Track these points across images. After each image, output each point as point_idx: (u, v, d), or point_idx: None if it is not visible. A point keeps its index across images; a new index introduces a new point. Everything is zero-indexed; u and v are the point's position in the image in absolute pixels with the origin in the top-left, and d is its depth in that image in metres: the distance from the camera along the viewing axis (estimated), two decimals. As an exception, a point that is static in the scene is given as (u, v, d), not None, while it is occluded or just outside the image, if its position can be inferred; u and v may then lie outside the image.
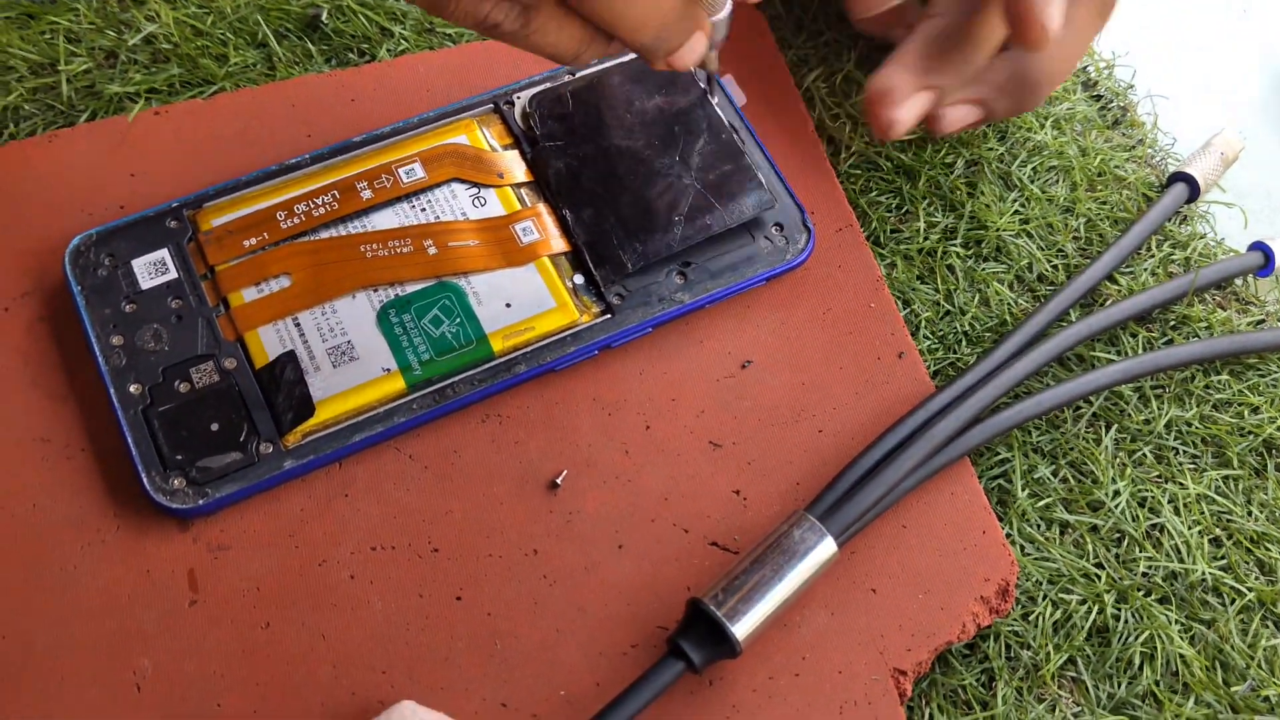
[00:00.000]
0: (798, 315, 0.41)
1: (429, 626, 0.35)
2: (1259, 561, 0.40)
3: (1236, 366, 0.43)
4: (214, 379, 0.37)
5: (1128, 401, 0.42)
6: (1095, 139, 0.48)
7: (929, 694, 0.37)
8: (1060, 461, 0.41)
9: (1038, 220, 0.45)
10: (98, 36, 0.44)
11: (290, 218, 0.39)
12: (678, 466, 0.38)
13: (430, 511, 0.36)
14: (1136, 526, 0.39)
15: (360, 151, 0.41)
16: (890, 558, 0.37)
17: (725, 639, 0.34)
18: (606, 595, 0.36)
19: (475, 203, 0.40)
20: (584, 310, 0.39)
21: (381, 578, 0.35)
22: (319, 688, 0.34)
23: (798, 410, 0.39)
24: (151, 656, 0.34)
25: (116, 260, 0.38)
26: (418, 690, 0.34)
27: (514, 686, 0.34)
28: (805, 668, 0.35)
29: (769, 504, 0.38)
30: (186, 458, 0.35)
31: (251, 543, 0.36)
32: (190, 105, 0.43)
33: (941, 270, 0.43)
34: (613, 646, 0.35)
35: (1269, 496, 0.41)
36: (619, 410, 0.39)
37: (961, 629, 0.36)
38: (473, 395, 0.37)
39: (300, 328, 0.37)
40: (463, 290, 0.38)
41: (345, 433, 0.36)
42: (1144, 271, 0.45)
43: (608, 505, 0.37)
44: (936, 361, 0.42)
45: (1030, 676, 0.37)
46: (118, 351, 0.37)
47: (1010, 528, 0.39)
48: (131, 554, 0.35)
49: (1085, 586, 0.38)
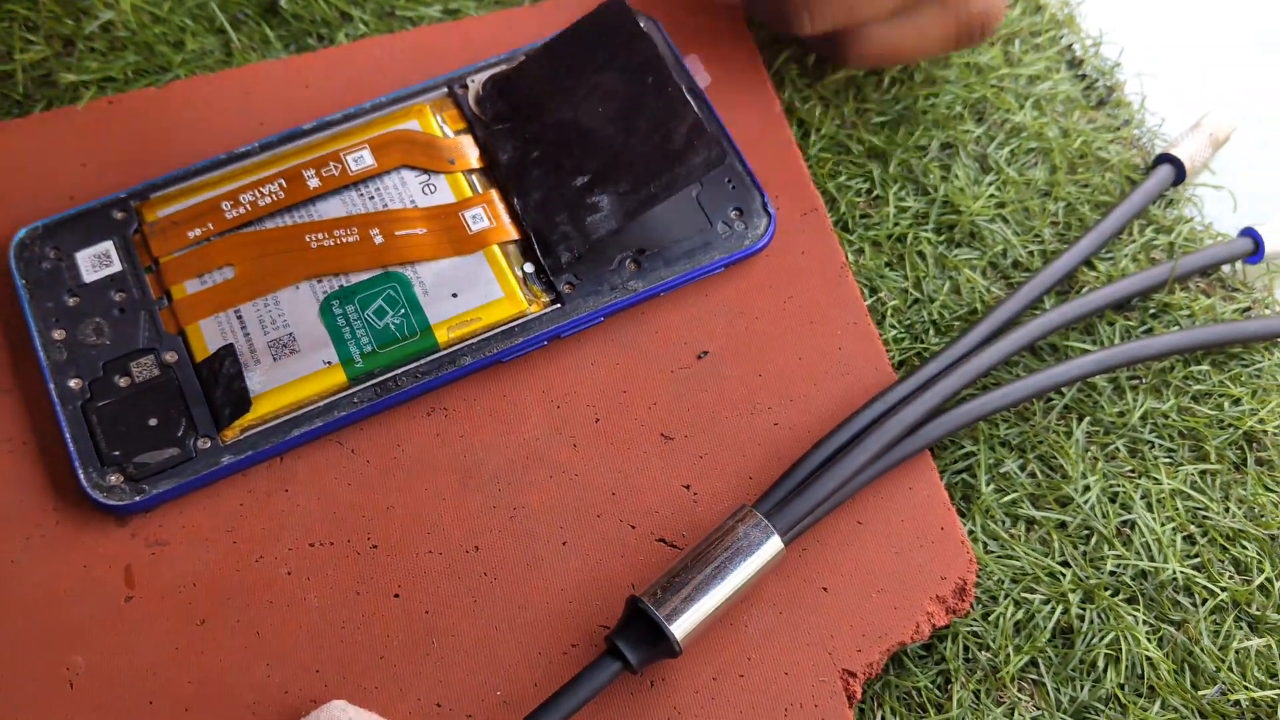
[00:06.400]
0: (757, 304, 0.40)
1: (365, 624, 0.34)
2: (1234, 560, 0.38)
3: (1218, 356, 0.42)
4: (154, 373, 0.36)
5: (1101, 393, 0.40)
6: (1078, 119, 0.46)
7: (882, 696, 0.35)
8: (1028, 455, 0.39)
9: (1014, 204, 0.44)
10: (56, 24, 0.44)
11: (236, 208, 0.38)
12: (627, 460, 0.37)
13: (370, 507, 0.36)
14: (1106, 523, 0.38)
15: (310, 139, 0.40)
16: (843, 555, 0.36)
17: (664, 639, 0.33)
18: (548, 593, 0.35)
19: (425, 190, 0.39)
20: (533, 300, 0.38)
21: (319, 574, 0.35)
22: (252, 685, 0.33)
23: (754, 402, 0.38)
24: (86, 653, 0.34)
25: (61, 253, 0.38)
26: (352, 689, 0.34)
27: (450, 686, 0.34)
28: (750, 668, 0.34)
29: (720, 499, 0.37)
30: (124, 454, 0.35)
31: (189, 538, 0.35)
32: (143, 94, 0.42)
33: (911, 256, 0.42)
34: (553, 645, 0.34)
35: (1248, 492, 0.39)
36: (568, 402, 0.38)
37: (916, 629, 0.35)
38: (416, 388, 0.37)
39: (242, 320, 0.37)
40: (408, 280, 0.38)
41: (284, 427, 0.36)
42: (1124, 257, 0.43)
43: (553, 500, 0.36)
44: (902, 351, 0.40)
45: (989, 679, 0.36)
46: (59, 345, 0.36)
47: (973, 524, 0.38)
48: (70, 549, 0.35)
49: (1050, 585, 0.37)
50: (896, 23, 0.41)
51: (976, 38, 0.42)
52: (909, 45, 0.42)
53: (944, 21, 0.41)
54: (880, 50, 0.42)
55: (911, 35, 0.41)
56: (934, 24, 0.41)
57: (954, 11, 0.41)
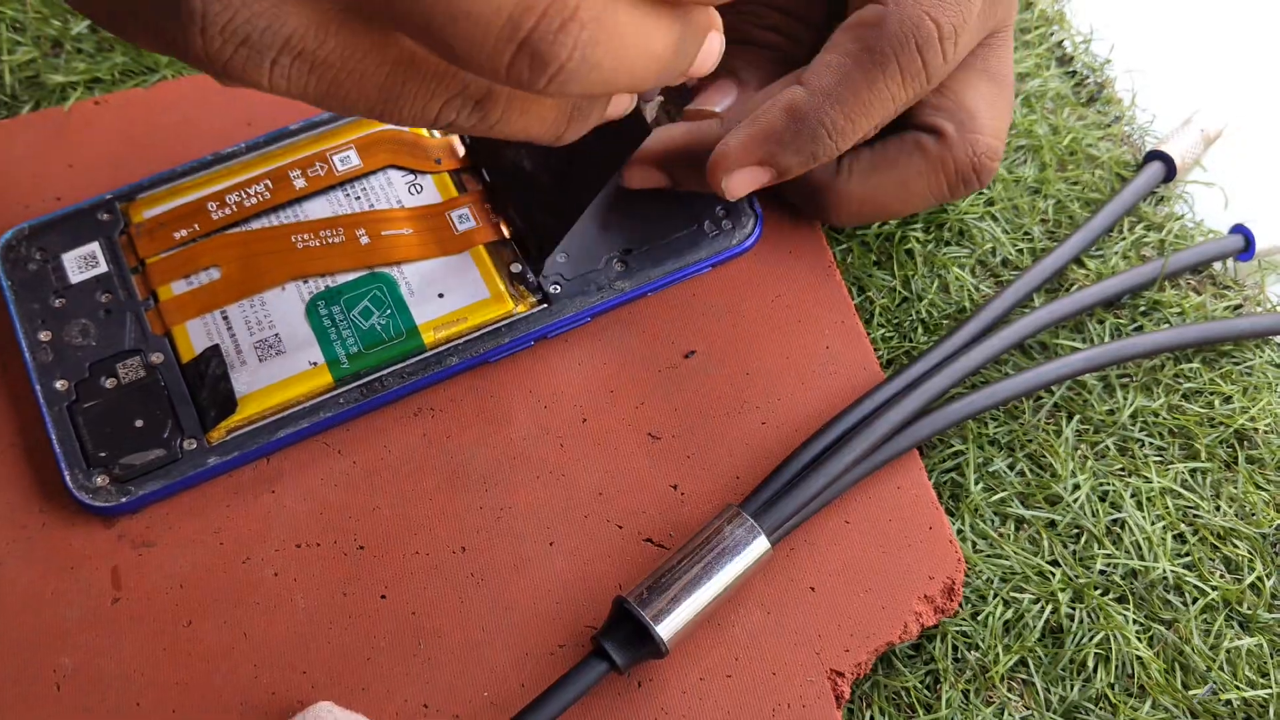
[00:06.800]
0: (744, 303, 0.40)
1: (352, 626, 0.34)
2: (1225, 559, 0.38)
3: (1209, 354, 0.41)
4: (140, 374, 0.36)
5: (1091, 391, 0.40)
6: (1068, 117, 0.46)
7: (870, 696, 0.35)
8: (1017, 454, 0.39)
9: (1003, 202, 0.43)
10: (43, 25, 0.44)
11: (222, 208, 0.38)
12: (614, 460, 0.37)
13: (357, 507, 0.36)
14: (1096, 522, 0.38)
15: (297, 139, 0.40)
16: (831, 554, 0.36)
17: (650, 639, 0.33)
18: (535, 594, 0.35)
19: (411, 190, 0.39)
20: (520, 300, 0.38)
21: (305, 575, 0.35)
22: (239, 687, 0.33)
23: (741, 401, 0.38)
24: (72, 655, 0.33)
25: (47, 254, 0.38)
26: (338, 691, 0.33)
27: (437, 687, 0.34)
28: (737, 669, 0.34)
29: (707, 499, 0.37)
30: (110, 455, 0.35)
31: (176, 540, 0.35)
32: (130, 94, 0.42)
33: (899, 255, 0.42)
34: (540, 646, 0.34)
35: (1238, 490, 0.39)
36: (555, 402, 0.38)
37: (904, 629, 0.35)
38: (403, 389, 0.36)
39: (228, 321, 0.37)
40: (394, 280, 0.38)
41: (270, 428, 0.36)
42: (1114, 255, 0.43)
43: (540, 501, 0.36)
44: (890, 350, 0.40)
45: (978, 678, 0.36)
46: (44, 347, 0.36)
47: (962, 523, 0.38)
48: (56, 551, 0.35)
49: (1039, 585, 0.37)
50: (876, 178, 0.38)
51: (973, 185, 0.38)
52: (894, 201, 0.39)
53: (931, 175, 0.38)
54: (861, 210, 0.39)
55: (895, 190, 0.38)
56: (918, 179, 0.38)
57: (937, 162, 0.38)
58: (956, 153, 0.37)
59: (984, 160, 0.37)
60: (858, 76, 0.34)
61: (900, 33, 0.34)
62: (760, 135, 0.36)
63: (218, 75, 0.24)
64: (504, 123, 0.27)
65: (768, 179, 0.36)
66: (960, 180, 0.38)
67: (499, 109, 0.26)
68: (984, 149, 0.37)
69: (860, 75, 0.34)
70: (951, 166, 0.37)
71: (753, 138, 0.36)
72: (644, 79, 0.25)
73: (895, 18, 0.34)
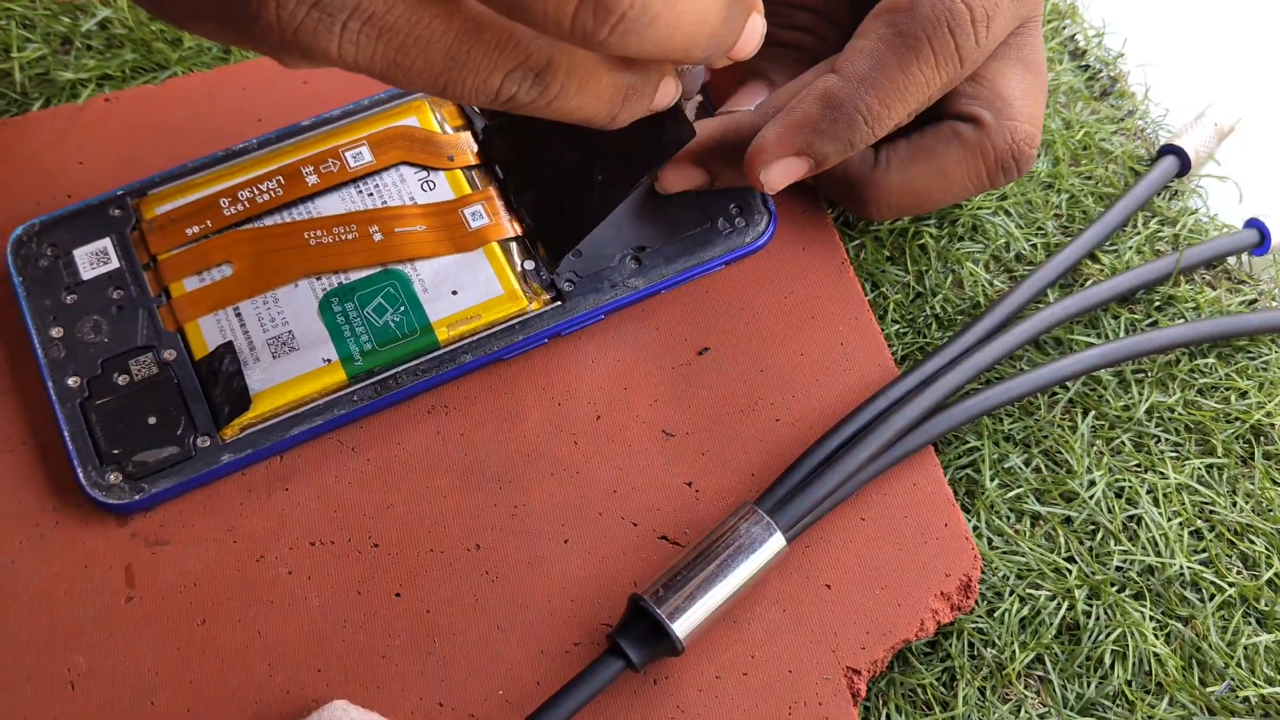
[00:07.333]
0: (758, 300, 0.40)
1: (367, 624, 0.34)
2: (1242, 555, 0.38)
3: (1225, 349, 0.41)
4: (152, 371, 0.36)
5: (1106, 386, 0.40)
6: (1081, 111, 0.46)
7: (887, 693, 0.35)
8: (1033, 450, 0.39)
9: (1016, 197, 0.43)
10: (53, 22, 0.44)
11: (234, 204, 0.38)
12: (628, 458, 0.37)
13: (371, 505, 0.36)
14: (1112, 518, 0.38)
15: (308, 135, 0.40)
16: (846, 551, 0.36)
17: (666, 637, 0.32)
18: (550, 591, 0.35)
19: (424, 187, 0.39)
20: (533, 297, 0.38)
21: (320, 573, 0.35)
22: (254, 686, 0.33)
23: (755, 398, 0.38)
24: (86, 653, 0.33)
25: (58, 250, 0.38)
26: (354, 689, 0.33)
27: (452, 685, 0.34)
28: (754, 666, 0.34)
29: (722, 496, 0.37)
30: (123, 452, 0.35)
31: (190, 538, 0.35)
32: (140, 91, 0.42)
33: (913, 250, 0.42)
34: (555, 644, 0.34)
35: (1255, 486, 0.39)
36: (569, 400, 0.38)
37: (920, 626, 0.35)
38: (416, 386, 0.36)
39: (241, 317, 0.37)
40: (408, 278, 0.37)
41: (284, 425, 0.35)
42: (1129, 250, 0.43)
43: (554, 498, 0.36)
44: (905, 346, 0.40)
45: (994, 676, 0.36)
46: (57, 344, 0.36)
47: (978, 520, 0.38)
48: (69, 549, 0.35)
49: (1055, 581, 0.37)
50: (914, 168, 0.38)
51: (1012, 173, 0.38)
52: (934, 191, 0.38)
53: (970, 163, 0.37)
54: (900, 202, 0.38)
55: (934, 180, 0.38)
56: (957, 167, 0.37)
57: (976, 149, 0.37)
58: (995, 140, 0.37)
59: (1023, 147, 0.37)
60: (891, 60, 0.34)
61: (933, 15, 0.34)
62: (796, 125, 0.35)
63: (285, 47, 0.24)
64: (561, 98, 0.27)
65: (806, 170, 0.36)
66: (1000, 168, 0.37)
67: (558, 82, 0.27)
68: (1023, 136, 0.37)
69: (893, 59, 0.34)
70: (991, 154, 0.37)
71: (789, 128, 0.35)
72: (695, 44, 0.26)
73: (927, 1, 0.34)
